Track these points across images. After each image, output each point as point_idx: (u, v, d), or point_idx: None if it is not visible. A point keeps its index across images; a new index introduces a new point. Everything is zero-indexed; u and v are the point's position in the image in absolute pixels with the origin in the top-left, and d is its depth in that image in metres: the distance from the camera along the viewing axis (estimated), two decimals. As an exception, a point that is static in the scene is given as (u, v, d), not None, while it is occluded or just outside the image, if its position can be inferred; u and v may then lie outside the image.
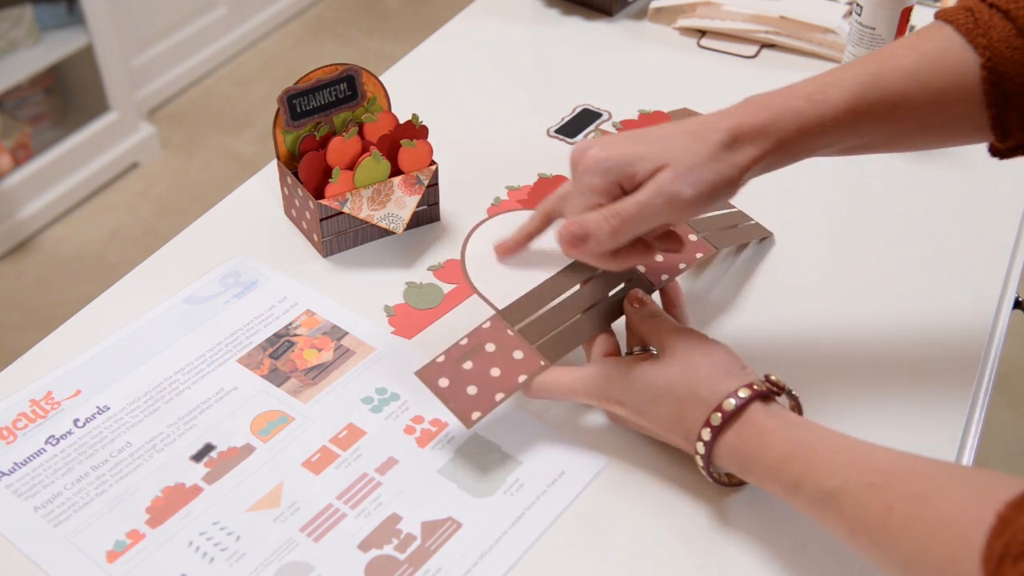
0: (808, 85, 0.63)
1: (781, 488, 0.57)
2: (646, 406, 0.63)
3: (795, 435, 0.58)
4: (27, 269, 2.09)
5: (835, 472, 0.54)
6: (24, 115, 2.17)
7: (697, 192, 0.60)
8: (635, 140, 0.62)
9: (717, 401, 0.60)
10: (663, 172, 0.60)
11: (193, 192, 2.28)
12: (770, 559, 0.60)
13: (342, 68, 0.80)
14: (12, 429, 0.69)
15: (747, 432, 0.59)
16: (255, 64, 2.68)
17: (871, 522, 0.51)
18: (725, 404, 0.59)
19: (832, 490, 0.54)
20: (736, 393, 0.59)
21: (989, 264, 0.81)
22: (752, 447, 0.58)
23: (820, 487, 0.55)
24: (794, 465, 0.56)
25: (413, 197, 0.82)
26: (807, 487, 0.55)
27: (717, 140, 0.60)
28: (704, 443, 0.60)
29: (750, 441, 0.58)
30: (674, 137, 0.61)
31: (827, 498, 0.54)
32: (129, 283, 0.81)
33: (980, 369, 0.73)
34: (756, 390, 0.59)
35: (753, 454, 0.58)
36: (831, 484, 0.54)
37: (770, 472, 0.58)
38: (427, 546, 0.61)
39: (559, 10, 1.18)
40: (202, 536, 0.62)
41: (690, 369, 0.62)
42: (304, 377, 0.72)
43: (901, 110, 0.62)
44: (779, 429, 0.58)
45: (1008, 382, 1.78)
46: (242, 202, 0.89)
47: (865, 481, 0.52)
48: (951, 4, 0.66)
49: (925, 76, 0.62)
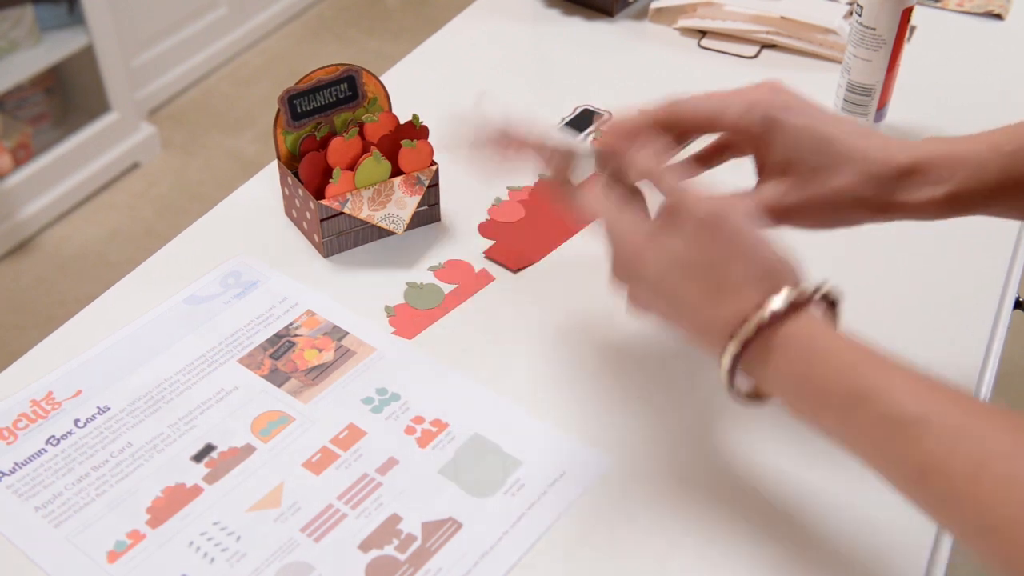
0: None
1: (834, 402, 0.49)
2: (677, 284, 0.55)
3: (862, 346, 0.50)
4: (27, 269, 2.09)
5: (920, 398, 0.47)
6: (25, 115, 2.17)
7: None
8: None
9: (771, 282, 0.52)
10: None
11: (193, 192, 2.28)
12: (771, 559, 0.60)
13: (343, 68, 0.80)
14: (13, 429, 0.69)
15: (802, 332, 0.51)
16: (256, 64, 2.68)
17: (956, 470, 0.44)
18: (772, 302, 0.51)
19: (913, 417, 0.46)
20: (798, 290, 0.52)
21: (989, 264, 0.81)
22: (805, 351, 0.51)
23: (895, 408, 0.47)
24: (861, 377, 0.48)
25: (414, 197, 0.82)
26: (875, 404, 0.48)
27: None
28: (740, 342, 0.52)
29: (803, 343, 0.51)
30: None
31: (901, 424, 0.46)
32: (129, 283, 0.81)
33: (980, 369, 0.73)
34: (806, 295, 0.52)
35: (799, 364, 0.51)
36: (913, 410, 0.46)
37: (824, 382, 0.50)
38: (428, 546, 0.61)
39: (560, 10, 1.18)
40: (203, 536, 0.62)
41: (732, 239, 0.54)
42: (305, 377, 0.72)
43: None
44: (840, 336, 0.51)
45: (1008, 382, 1.78)
46: (243, 202, 0.89)
47: (957, 421, 0.45)
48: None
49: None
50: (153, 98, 2.48)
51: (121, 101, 2.26)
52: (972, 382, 0.71)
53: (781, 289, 0.52)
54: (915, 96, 0.99)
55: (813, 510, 0.62)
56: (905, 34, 0.91)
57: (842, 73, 0.95)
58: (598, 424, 0.68)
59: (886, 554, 0.60)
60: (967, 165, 0.60)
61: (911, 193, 0.61)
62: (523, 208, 0.87)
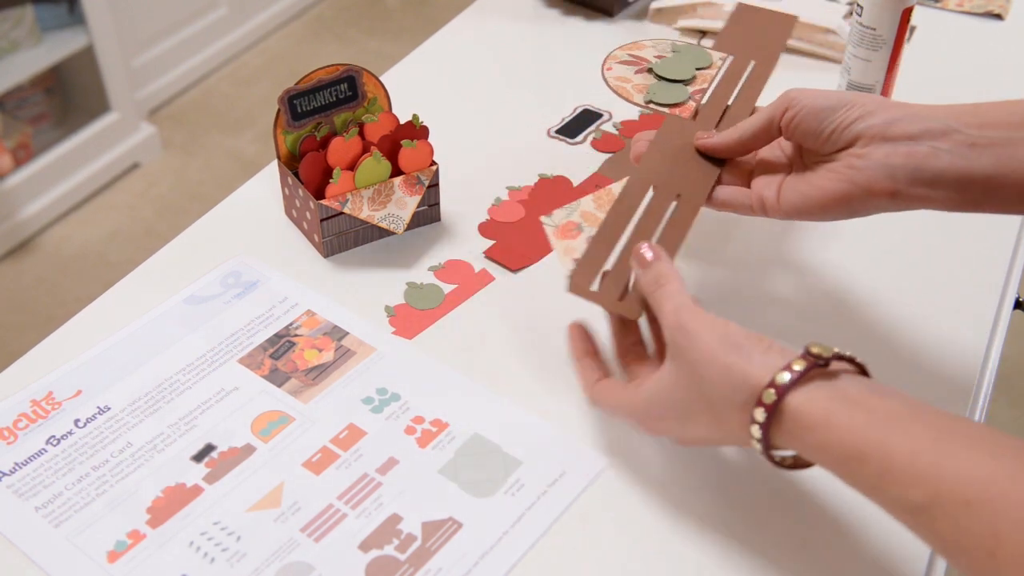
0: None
1: (860, 487, 0.50)
2: (683, 429, 0.57)
3: (856, 427, 0.49)
4: (28, 269, 2.09)
5: (919, 482, 0.46)
6: (25, 115, 2.17)
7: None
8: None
9: (744, 392, 0.52)
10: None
11: (194, 192, 2.28)
12: (771, 558, 0.60)
13: (343, 68, 0.80)
14: (13, 429, 0.69)
15: (797, 425, 0.50)
16: (256, 64, 2.68)
17: (974, 549, 0.44)
18: (765, 396, 0.51)
19: (920, 505, 0.46)
20: (775, 381, 0.51)
21: (989, 264, 0.81)
22: (809, 443, 0.50)
23: (903, 498, 0.47)
24: (865, 469, 0.48)
25: (414, 197, 0.82)
26: (888, 494, 0.48)
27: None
28: (759, 441, 0.52)
29: (803, 436, 0.51)
30: None
31: (915, 511, 0.46)
32: (130, 283, 0.81)
33: (980, 369, 0.73)
34: (797, 372, 0.51)
35: (813, 450, 0.51)
36: (916, 498, 0.46)
37: (842, 472, 0.50)
38: (428, 546, 0.61)
39: (560, 10, 1.18)
40: (203, 536, 0.62)
41: (698, 366, 0.54)
42: (305, 377, 0.72)
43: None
44: (834, 420, 0.49)
45: (1008, 382, 1.78)
46: (243, 202, 0.89)
47: (960, 498, 0.45)
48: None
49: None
50: (153, 98, 2.48)
51: (121, 101, 2.26)
52: (972, 382, 0.71)
53: (761, 391, 0.52)
54: (915, 96, 0.99)
55: (814, 510, 0.62)
56: (905, 34, 0.91)
57: (842, 73, 0.95)
58: (598, 424, 0.68)
59: (886, 554, 0.60)
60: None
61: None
62: (523, 208, 0.87)
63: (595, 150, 0.95)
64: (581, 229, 0.69)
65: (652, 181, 0.71)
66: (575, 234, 0.68)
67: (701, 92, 0.78)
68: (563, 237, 0.68)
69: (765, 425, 0.51)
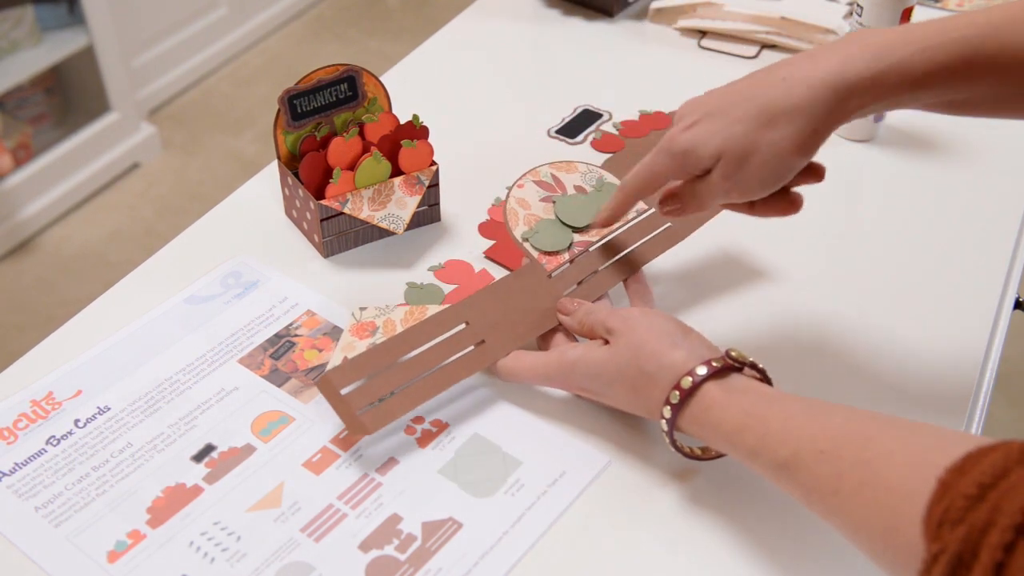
0: (917, 31, 0.60)
1: (741, 458, 0.58)
2: (604, 390, 0.65)
3: (747, 406, 0.58)
4: (28, 269, 2.09)
5: (786, 441, 0.55)
6: (25, 115, 2.17)
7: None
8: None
9: (668, 377, 0.61)
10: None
11: (194, 192, 2.28)
12: (771, 558, 0.60)
13: (343, 68, 0.80)
14: (13, 429, 0.69)
15: (701, 406, 0.60)
16: (256, 64, 2.68)
17: (823, 489, 0.52)
18: (683, 382, 0.60)
19: (785, 460, 0.55)
20: (694, 372, 0.60)
21: (989, 264, 0.81)
22: (708, 421, 0.59)
23: (774, 457, 0.56)
24: (747, 436, 0.57)
25: (414, 197, 0.82)
26: (762, 457, 0.56)
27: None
28: (666, 420, 0.61)
29: (703, 415, 0.60)
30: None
31: (781, 467, 0.55)
32: (130, 283, 0.81)
33: (980, 369, 0.73)
34: (714, 367, 0.60)
35: (710, 428, 0.59)
36: (783, 454, 0.55)
37: (728, 444, 0.59)
38: (428, 546, 0.61)
39: (560, 11, 1.18)
40: (203, 536, 0.62)
41: (636, 348, 0.63)
42: (305, 377, 0.72)
43: (1019, 69, 0.59)
44: (732, 402, 0.59)
45: (1008, 382, 1.78)
46: (243, 202, 0.89)
47: (816, 449, 0.53)
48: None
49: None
50: (153, 98, 2.48)
51: (121, 101, 2.26)
52: (972, 382, 0.71)
53: (681, 377, 0.61)
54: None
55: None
56: (905, 34, 0.91)
57: (842, 73, 0.94)
58: (598, 424, 0.68)
59: (886, 554, 0.60)
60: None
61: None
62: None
63: (595, 150, 0.95)
64: (373, 335, 0.69)
65: (467, 318, 0.70)
66: (365, 335, 0.69)
67: (586, 245, 0.75)
68: (355, 334, 0.70)
69: (676, 407, 0.60)
